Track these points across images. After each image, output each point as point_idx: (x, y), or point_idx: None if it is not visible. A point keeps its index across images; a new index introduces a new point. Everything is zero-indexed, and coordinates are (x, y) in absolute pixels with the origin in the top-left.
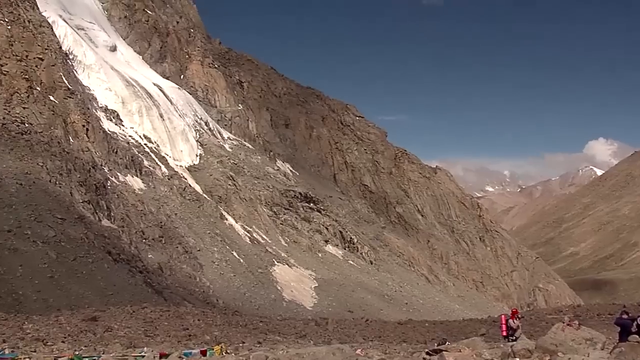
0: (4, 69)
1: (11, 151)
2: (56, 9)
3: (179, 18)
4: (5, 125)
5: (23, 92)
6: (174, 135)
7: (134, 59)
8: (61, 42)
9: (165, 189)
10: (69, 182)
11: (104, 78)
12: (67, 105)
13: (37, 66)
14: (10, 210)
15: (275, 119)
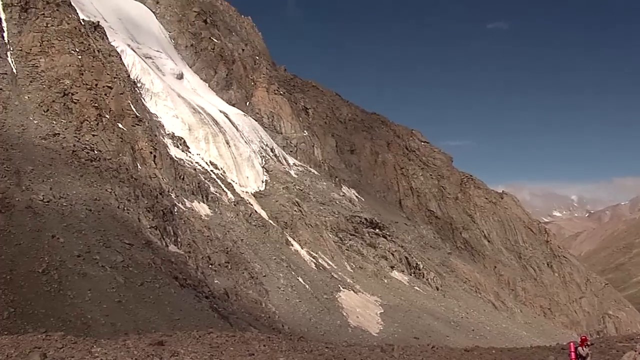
0: (74, 98)
1: (81, 177)
2: (125, 39)
3: (244, 46)
4: (76, 152)
5: (92, 120)
6: (240, 161)
7: (200, 86)
8: (129, 71)
9: (231, 215)
10: (137, 208)
11: (171, 105)
12: (135, 133)
13: (106, 94)
14: (79, 235)
15: (341, 144)
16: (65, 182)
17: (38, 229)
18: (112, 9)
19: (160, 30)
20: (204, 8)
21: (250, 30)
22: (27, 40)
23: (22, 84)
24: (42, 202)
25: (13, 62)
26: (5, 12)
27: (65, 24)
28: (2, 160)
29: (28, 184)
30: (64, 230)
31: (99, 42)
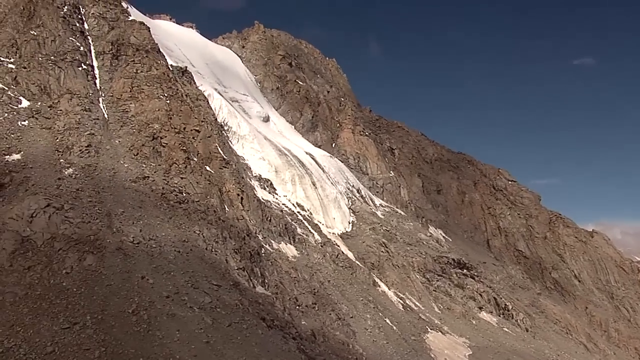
0: (163, 141)
1: (170, 220)
2: (212, 83)
3: (329, 87)
4: (165, 195)
5: (181, 163)
6: (326, 203)
7: (286, 128)
8: (216, 114)
9: (318, 256)
10: (225, 249)
11: (258, 148)
12: (222, 175)
13: (194, 138)
14: (168, 276)
15: (427, 185)
16: (155, 224)
17: (128, 270)
18: (199, 54)
19: (247, 73)
20: (289, 51)
21: (335, 72)
22: (118, 86)
23: (113, 129)
24: (132, 244)
25: (105, 108)
26: (97, 59)
27: (154, 70)
28: (94, 203)
29: (119, 226)
30: (153, 272)
31: (186, 86)
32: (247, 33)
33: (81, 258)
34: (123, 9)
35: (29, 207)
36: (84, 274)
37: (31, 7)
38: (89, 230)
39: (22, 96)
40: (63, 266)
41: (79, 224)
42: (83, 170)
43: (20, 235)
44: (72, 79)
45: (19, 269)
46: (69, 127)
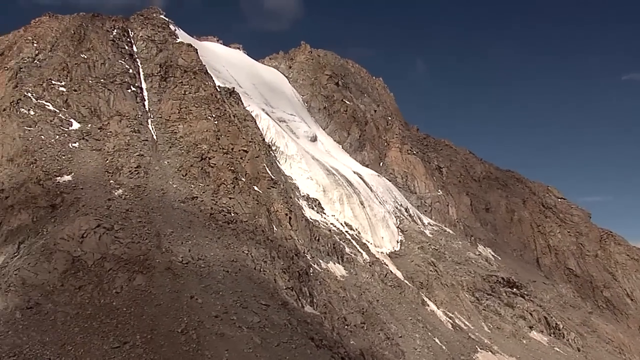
0: (211, 162)
1: (218, 240)
2: (259, 103)
3: (376, 106)
4: (213, 215)
5: (229, 183)
6: (374, 222)
7: (333, 148)
8: (264, 134)
9: (366, 275)
10: (273, 269)
11: (305, 167)
12: (270, 195)
13: (242, 158)
14: (217, 296)
15: (475, 203)
16: (204, 244)
17: (177, 290)
18: (246, 74)
19: (294, 93)
20: (336, 71)
21: (381, 91)
22: (167, 108)
23: (162, 150)
24: (181, 264)
25: (153, 129)
26: (146, 81)
27: (202, 91)
28: (143, 223)
29: (168, 246)
30: (202, 291)
31: (234, 107)
32: (294, 53)
33: (131, 278)
34: (171, 32)
35: (80, 227)
36: (134, 293)
37: (81, 32)
38: (138, 251)
39: (72, 118)
40: (113, 286)
41: (129, 244)
42: (132, 191)
43: (71, 256)
44: (121, 101)
45: (70, 288)
46: (119, 149)
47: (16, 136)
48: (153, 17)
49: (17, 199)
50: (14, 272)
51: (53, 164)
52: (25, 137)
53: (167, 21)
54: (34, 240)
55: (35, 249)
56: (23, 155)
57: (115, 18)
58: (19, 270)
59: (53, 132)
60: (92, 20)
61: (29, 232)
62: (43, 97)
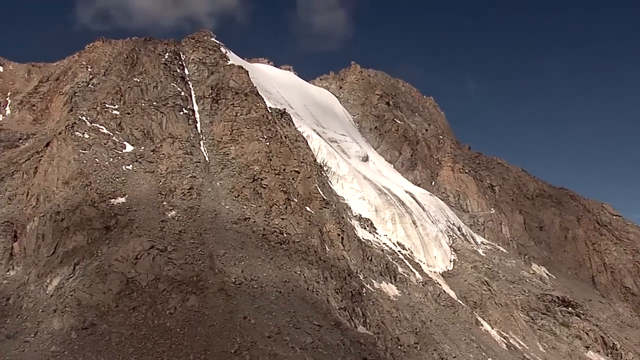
0: (263, 183)
1: (271, 260)
2: (310, 124)
3: (427, 125)
4: (266, 236)
5: (281, 204)
6: (427, 241)
7: (385, 167)
8: (315, 155)
9: (419, 295)
10: (326, 289)
11: (357, 187)
12: (322, 215)
13: (294, 179)
14: (270, 317)
15: (529, 221)
16: (256, 265)
17: (230, 311)
18: (297, 95)
19: (345, 113)
20: (386, 90)
21: (432, 110)
22: (219, 130)
23: (214, 171)
24: (234, 285)
25: (206, 151)
26: (198, 104)
27: (253, 113)
28: (196, 244)
29: (221, 267)
30: (255, 312)
31: (285, 128)
32: (344, 74)
33: (184, 299)
34: (222, 54)
35: (134, 249)
36: (187, 314)
37: (134, 56)
38: (191, 272)
39: (126, 141)
40: (167, 307)
41: (182, 265)
42: (185, 212)
43: (125, 277)
44: (174, 124)
45: (124, 309)
46: (172, 171)
47: (71, 159)
48: (204, 40)
49: (72, 221)
50: (70, 293)
51: (107, 186)
52: (80, 160)
53: (218, 44)
54: (89, 262)
55: (90, 270)
56: (78, 177)
57: (166, 42)
58: (74, 292)
59: (107, 155)
60: (145, 44)
61: (84, 253)
62: (97, 121)
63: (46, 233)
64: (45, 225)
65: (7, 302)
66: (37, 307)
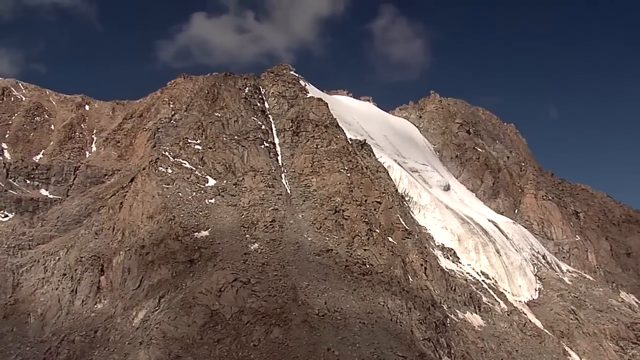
0: (345, 214)
1: (354, 292)
2: (391, 154)
3: (509, 153)
4: (348, 267)
5: (363, 235)
6: (511, 270)
7: (467, 196)
8: (397, 185)
9: (505, 325)
10: (410, 320)
11: (440, 217)
12: (405, 246)
13: (376, 209)
14: (354, 348)
15: (615, 248)
16: (339, 296)
17: (314, 342)
18: (377, 126)
19: (425, 143)
20: (467, 119)
21: (514, 137)
22: (299, 162)
23: (296, 203)
24: (317, 316)
25: (287, 183)
26: (278, 137)
27: (334, 144)
28: (279, 277)
29: (304, 299)
30: (339, 343)
31: (366, 159)
32: (424, 103)
33: (268, 331)
34: (301, 87)
35: (218, 281)
36: (271, 346)
37: (215, 91)
38: (275, 304)
39: (208, 175)
40: (251, 339)
41: (266, 297)
42: (268, 244)
43: (209, 309)
44: (255, 157)
45: (209, 341)
46: (254, 204)
47: (155, 194)
48: (283, 73)
49: (157, 254)
50: (155, 326)
51: (191, 220)
52: (164, 194)
53: (297, 77)
54: (174, 295)
55: (175, 303)
56: (162, 212)
57: (246, 76)
58: (159, 324)
59: (190, 189)
60: (225, 79)
61: (168, 286)
62: (180, 156)
63: (132, 267)
64: (130, 259)
65: (95, 335)
66: (123, 340)
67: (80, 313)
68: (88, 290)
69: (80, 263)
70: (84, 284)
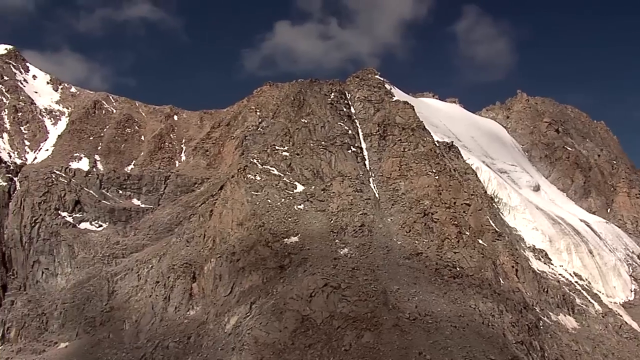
0: (434, 217)
1: (445, 295)
2: (479, 156)
3: (599, 151)
4: (438, 270)
5: (453, 238)
6: (605, 271)
7: (557, 196)
8: (486, 187)
9: (599, 327)
10: (501, 323)
11: (530, 218)
12: (495, 248)
13: (465, 212)
14: (445, 352)
15: None
16: (430, 300)
17: (405, 347)
18: (464, 127)
19: (513, 143)
20: (555, 117)
21: (604, 135)
22: (387, 166)
23: (385, 207)
24: (408, 320)
25: (375, 187)
26: (365, 141)
27: (421, 147)
28: (369, 281)
29: (395, 303)
30: (430, 347)
31: (454, 161)
32: (511, 103)
33: (359, 335)
34: (387, 91)
35: (308, 287)
36: (362, 351)
37: (301, 97)
38: (365, 308)
39: (297, 181)
40: (342, 344)
41: (356, 302)
42: (357, 249)
43: (300, 315)
44: (342, 162)
45: (300, 347)
46: (342, 208)
47: (244, 201)
48: (368, 77)
49: (247, 261)
50: (247, 332)
51: (280, 226)
52: (253, 201)
53: (383, 81)
54: (265, 301)
55: (266, 309)
56: (251, 219)
57: (331, 82)
58: (251, 330)
59: (279, 196)
60: (310, 85)
61: (259, 292)
62: (268, 163)
63: (223, 273)
64: (222, 266)
65: (188, 341)
66: (216, 346)
67: (173, 319)
68: (181, 297)
69: (172, 270)
70: (177, 291)
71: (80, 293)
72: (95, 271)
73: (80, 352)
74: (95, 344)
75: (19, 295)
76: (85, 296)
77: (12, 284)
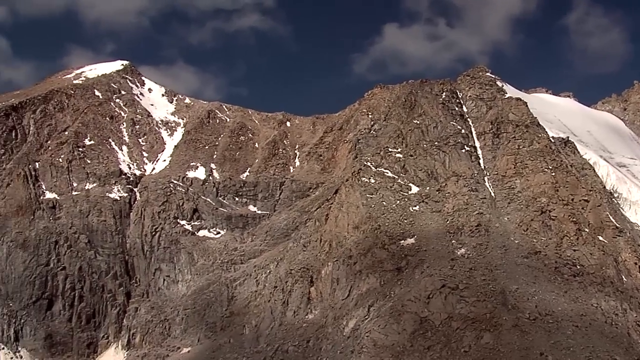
0: (552, 215)
1: (565, 294)
2: (596, 150)
3: None
4: (558, 269)
5: (572, 235)
6: None
7: None
8: (604, 182)
9: None
10: (626, 322)
11: None
12: (617, 244)
13: (584, 208)
14: (568, 352)
15: None
16: (550, 299)
17: (526, 347)
18: (579, 121)
19: (632, 136)
20: None
21: None
22: (502, 164)
23: (501, 206)
24: (528, 320)
25: (490, 186)
26: (479, 140)
27: (536, 144)
28: (487, 281)
29: (514, 303)
30: (552, 348)
31: (570, 157)
32: (628, 94)
33: (478, 336)
34: (499, 88)
35: (426, 288)
36: (482, 352)
37: (412, 98)
38: (484, 309)
39: (411, 183)
40: (461, 345)
41: (474, 302)
42: (475, 249)
43: (419, 316)
44: (456, 162)
45: (419, 349)
46: (458, 209)
47: (359, 204)
48: (479, 75)
49: (364, 264)
50: (366, 335)
51: (396, 228)
52: (368, 204)
53: (494, 78)
54: (383, 303)
55: (384, 311)
56: (367, 222)
57: (442, 81)
58: (370, 333)
59: (393, 198)
60: (421, 86)
61: (377, 295)
62: (381, 165)
63: (340, 277)
64: (339, 270)
65: (307, 345)
66: (335, 349)
67: (292, 324)
68: (299, 302)
69: (290, 275)
70: (295, 295)
71: (200, 299)
72: (215, 277)
73: (203, 357)
74: (217, 349)
75: (142, 302)
76: (205, 302)
77: (136, 292)
